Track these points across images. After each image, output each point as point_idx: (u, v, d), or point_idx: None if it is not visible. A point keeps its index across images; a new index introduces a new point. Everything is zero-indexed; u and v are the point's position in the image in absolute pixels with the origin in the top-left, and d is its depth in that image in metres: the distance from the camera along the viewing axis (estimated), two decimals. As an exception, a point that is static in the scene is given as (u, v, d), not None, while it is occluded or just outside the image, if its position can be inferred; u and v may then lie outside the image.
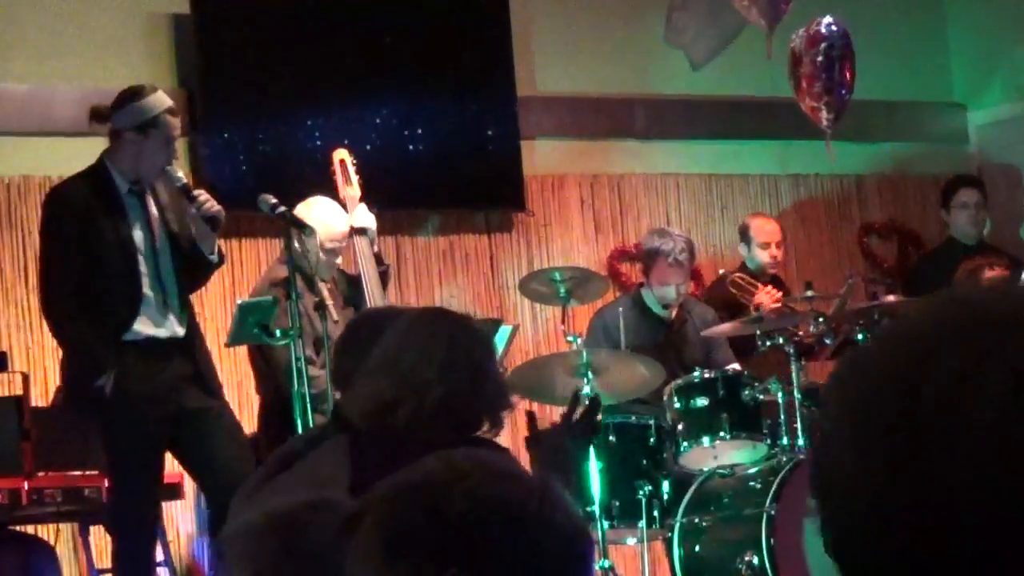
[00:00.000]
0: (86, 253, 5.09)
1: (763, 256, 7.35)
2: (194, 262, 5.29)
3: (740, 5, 7.05)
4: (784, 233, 7.58)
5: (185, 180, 5.26)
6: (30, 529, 5.91)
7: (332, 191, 6.08)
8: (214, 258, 5.32)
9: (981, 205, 8.06)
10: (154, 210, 5.25)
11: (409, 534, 1.54)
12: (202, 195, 5.20)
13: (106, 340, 5.08)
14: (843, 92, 7.18)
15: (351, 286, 6.06)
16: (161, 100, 5.22)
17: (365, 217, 6.04)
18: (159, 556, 5.62)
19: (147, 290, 5.16)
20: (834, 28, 7.18)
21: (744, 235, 7.45)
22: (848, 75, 7.20)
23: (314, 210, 5.87)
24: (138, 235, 5.18)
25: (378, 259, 6.08)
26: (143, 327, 5.15)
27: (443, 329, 3.27)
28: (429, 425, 3.13)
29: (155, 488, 5.24)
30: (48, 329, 5.35)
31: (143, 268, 5.16)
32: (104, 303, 5.10)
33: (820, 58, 7.14)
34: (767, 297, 6.87)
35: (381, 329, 3.37)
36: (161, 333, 5.18)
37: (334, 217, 5.92)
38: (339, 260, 5.93)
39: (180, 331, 5.23)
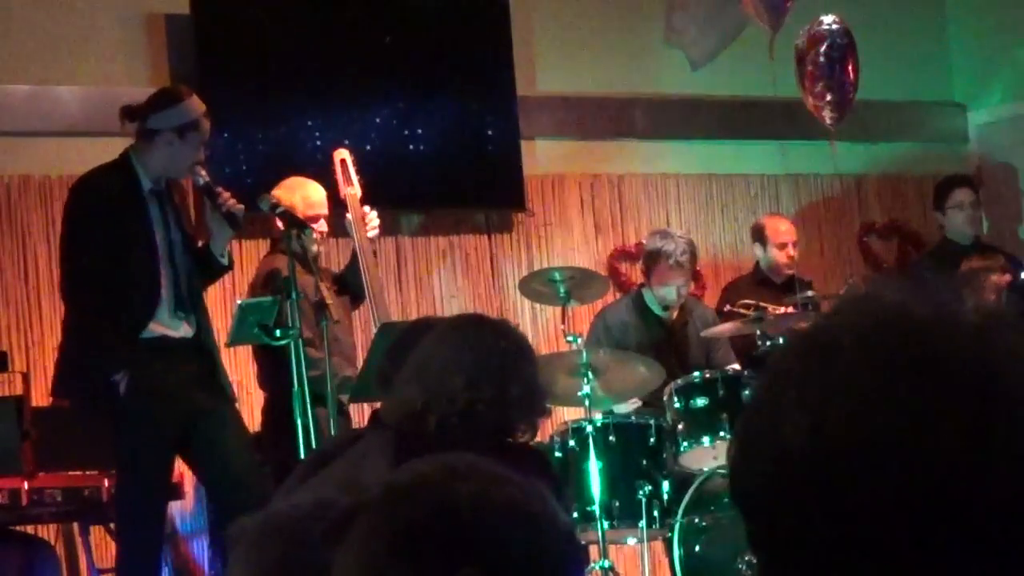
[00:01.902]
0: (112, 246, 5.13)
1: (780, 257, 7.35)
2: (205, 264, 5.33)
3: (744, 5, 7.05)
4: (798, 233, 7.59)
5: (208, 179, 5.29)
6: (30, 529, 5.91)
7: (332, 191, 6.08)
8: (224, 260, 5.38)
9: (976, 204, 8.05)
10: (169, 212, 5.29)
11: (417, 533, 1.55)
12: (224, 193, 5.28)
13: (124, 336, 5.10)
14: (846, 91, 7.18)
15: (340, 278, 6.10)
16: (199, 104, 5.31)
17: (374, 221, 6.06)
18: (159, 556, 5.63)
19: (163, 290, 5.19)
20: (835, 27, 7.18)
21: (759, 236, 7.43)
22: (851, 74, 7.20)
23: (291, 184, 5.93)
24: (158, 234, 5.22)
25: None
26: (157, 326, 5.18)
27: (473, 338, 3.31)
28: (459, 432, 3.18)
29: (164, 486, 5.25)
30: (68, 317, 5.35)
31: (162, 269, 5.20)
32: (124, 299, 5.14)
33: (822, 58, 7.14)
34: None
35: (421, 336, 3.42)
36: (174, 333, 5.22)
37: (311, 186, 5.96)
38: (324, 228, 5.94)
39: (190, 332, 5.26)
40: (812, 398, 1.04)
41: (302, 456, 5.12)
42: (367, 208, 6.03)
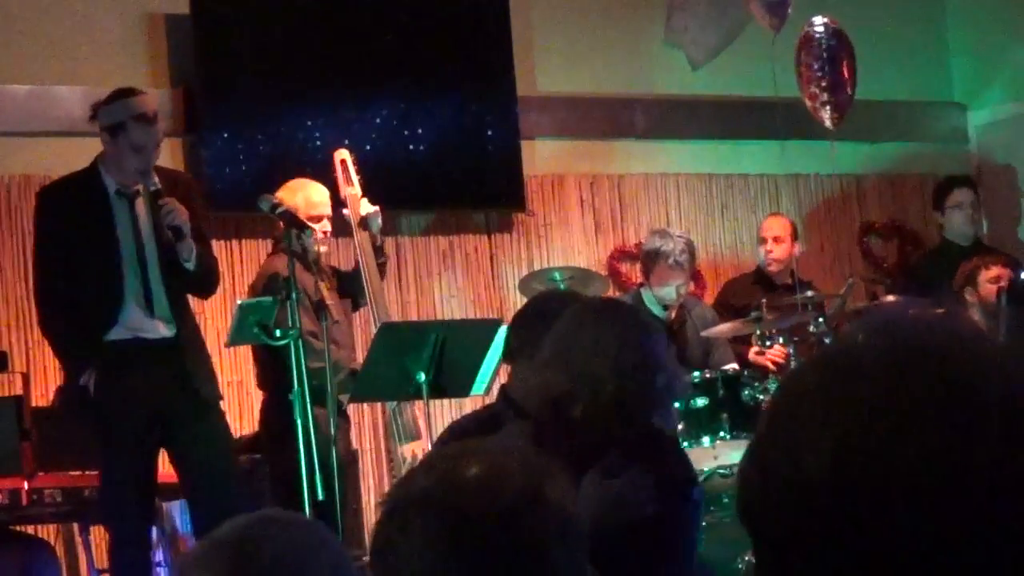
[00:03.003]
0: (69, 252, 5.10)
1: (760, 252, 7.42)
2: (177, 268, 5.24)
3: (747, 4, 7.05)
4: (792, 232, 7.57)
5: (157, 187, 5.12)
6: (30, 529, 5.91)
7: (333, 191, 6.09)
8: (189, 265, 5.20)
9: (976, 205, 8.04)
10: (141, 213, 5.22)
11: (389, 548, 1.60)
12: (166, 205, 5.10)
13: (88, 338, 5.08)
14: (842, 91, 7.17)
15: (344, 279, 6.10)
16: (134, 106, 5.15)
17: (368, 208, 6.06)
18: (159, 556, 5.62)
19: (130, 292, 5.14)
20: (823, 28, 7.17)
21: (757, 234, 7.57)
22: (845, 74, 7.19)
23: (292, 186, 5.92)
24: (123, 237, 5.16)
25: (378, 251, 6.10)
26: (127, 328, 5.14)
27: (615, 323, 3.31)
28: (604, 419, 3.18)
29: (143, 486, 5.20)
30: (38, 326, 5.37)
31: (125, 270, 5.15)
32: (86, 302, 5.11)
33: (813, 60, 7.13)
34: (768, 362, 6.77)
35: (556, 314, 3.41)
36: (147, 335, 5.17)
37: (312, 187, 5.96)
38: (327, 228, 5.94)
39: (168, 333, 5.20)
40: (834, 426, 1.02)
41: (302, 456, 5.11)
42: (364, 199, 6.04)
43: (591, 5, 7.97)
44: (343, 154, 6.20)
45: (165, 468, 5.42)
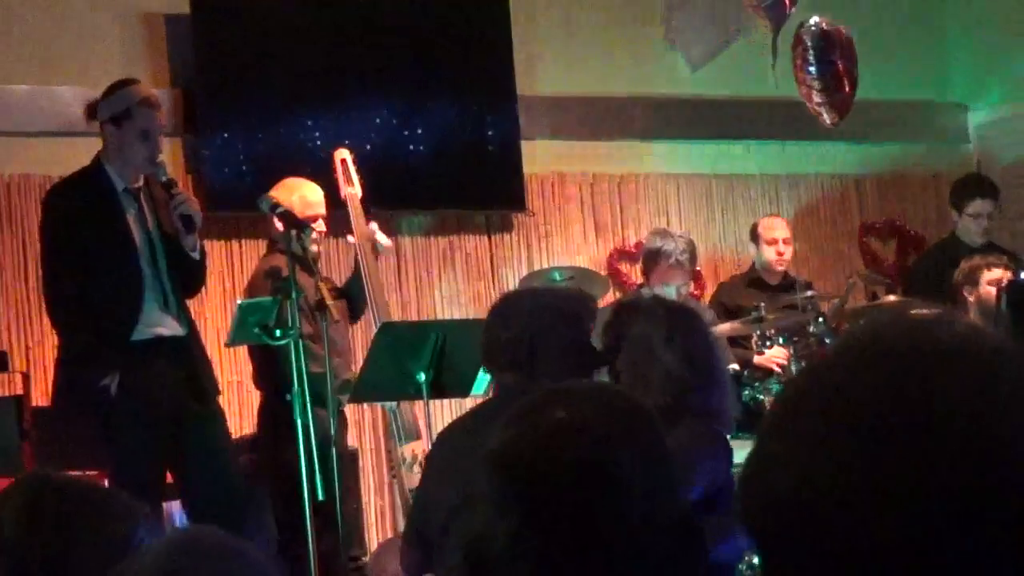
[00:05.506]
0: (84, 253, 5.09)
1: (769, 253, 7.33)
2: (181, 261, 5.25)
3: (746, 5, 7.05)
4: (792, 234, 7.56)
5: (168, 176, 5.19)
6: (30, 529, 5.90)
7: (333, 191, 6.09)
8: (195, 255, 5.23)
9: (995, 215, 7.90)
10: (148, 210, 5.22)
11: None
12: (180, 194, 5.17)
13: (110, 340, 5.08)
14: (839, 92, 7.16)
15: (343, 285, 6.10)
16: (136, 92, 5.21)
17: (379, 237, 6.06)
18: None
19: (148, 289, 5.15)
20: (814, 29, 7.16)
21: (754, 235, 7.44)
22: (840, 74, 7.16)
23: (287, 185, 5.91)
24: (136, 233, 5.16)
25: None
26: (147, 326, 5.14)
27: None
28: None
29: (157, 488, 5.22)
30: (54, 330, 5.34)
31: (143, 266, 5.15)
32: (106, 303, 5.09)
33: (806, 62, 7.13)
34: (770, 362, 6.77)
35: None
36: (164, 332, 5.17)
37: (307, 187, 5.95)
38: (323, 228, 5.92)
39: (181, 330, 5.22)
40: (796, 453, 1.06)
41: (302, 456, 5.11)
42: (374, 226, 6.05)
43: (591, 6, 7.97)
44: (343, 154, 6.20)
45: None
